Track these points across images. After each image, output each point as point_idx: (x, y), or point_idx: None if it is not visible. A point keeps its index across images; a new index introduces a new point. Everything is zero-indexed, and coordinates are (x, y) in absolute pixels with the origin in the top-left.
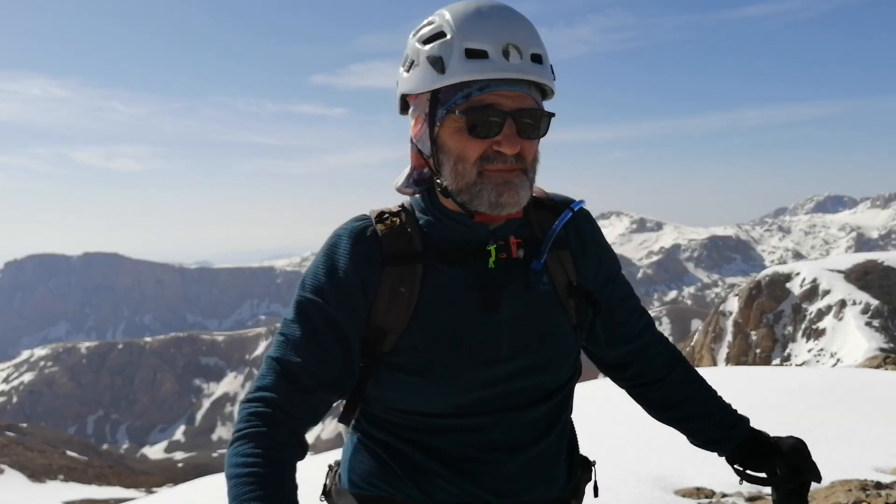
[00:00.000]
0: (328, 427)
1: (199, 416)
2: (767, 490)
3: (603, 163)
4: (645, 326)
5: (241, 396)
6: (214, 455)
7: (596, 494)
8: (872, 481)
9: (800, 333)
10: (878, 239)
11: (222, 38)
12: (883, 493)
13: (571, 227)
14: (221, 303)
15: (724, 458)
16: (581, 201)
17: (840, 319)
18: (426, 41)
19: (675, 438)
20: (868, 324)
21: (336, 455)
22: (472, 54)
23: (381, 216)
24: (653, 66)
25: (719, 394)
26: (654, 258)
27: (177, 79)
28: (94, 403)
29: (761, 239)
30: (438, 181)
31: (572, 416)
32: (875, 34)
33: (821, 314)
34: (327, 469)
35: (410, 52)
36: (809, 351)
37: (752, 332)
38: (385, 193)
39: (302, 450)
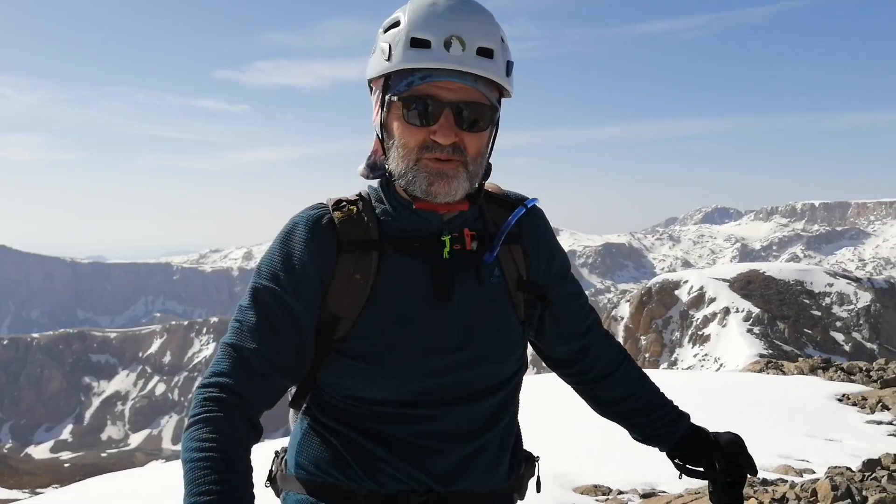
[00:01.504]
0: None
1: (88, 414)
2: (662, 488)
3: (505, 168)
4: (591, 324)
5: (134, 395)
6: (104, 455)
7: (538, 489)
8: (758, 478)
9: (686, 339)
10: (761, 250)
11: (121, 27)
12: (769, 488)
13: (524, 223)
14: (115, 299)
15: (664, 453)
16: (535, 199)
17: (724, 326)
18: (386, 29)
19: (573, 438)
20: (749, 330)
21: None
22: (415, 43)
23: (338, 204)
24: (554, 76)
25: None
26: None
27: (73, 67)
28: None
29: (652, 247)
30: (387, 166)
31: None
32: (764, 59)
33: (706, 321)
34: (273, 455)
35: (376, 40)
36: (695, 356)
37: (642, 337)
38: (289, 192)
39: (256, 433)
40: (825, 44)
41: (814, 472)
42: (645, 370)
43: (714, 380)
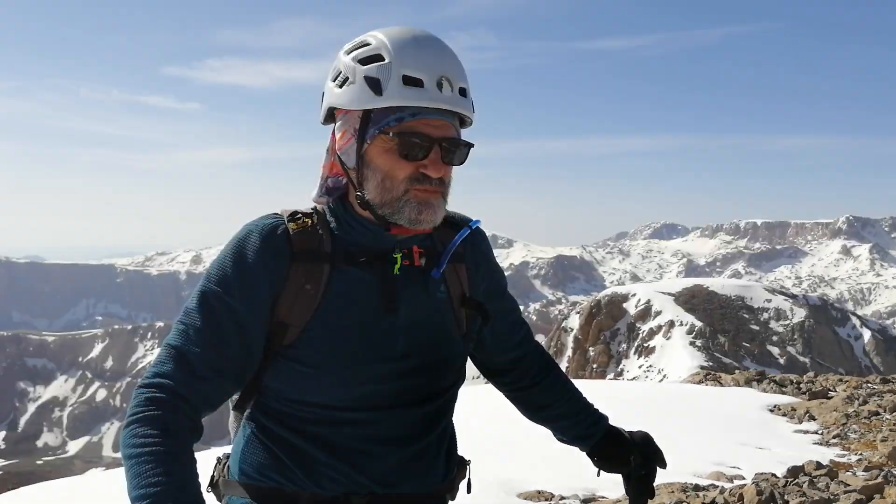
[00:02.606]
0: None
1: (22, 420)
2: (602, 493)
3: (459, 179)
4: (524, 337)
5: (73, 401)
6: (39, 462)
7: (469, 491)
8: (692, 484)
9: (633, 350)
10: (706, 266)
11: (66, 16)
12: (700, 494)
13: (469, 243)
14: (53, 301)
15: (585, 451)
16: (477, 221)
17: (668, 339)
18: (363, 61)
19: (517, 446)
20: (692, 343)
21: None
22: (409, 81)
23: (293, 216)
24: (509, 89)
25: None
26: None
27: (9, 55)
28: None
29: (603, 260)
30: (359, 193)
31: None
32: (712, 80)
33: (652, 333)
34: (216, 461)
35: (343, 69)
36: (640, 367)
37: (591, 348)
38: (239, 195)
39: (197, 433)
40: (768, 68)
41: (744, 479)
42: (591, 381)
43: (657, 390)
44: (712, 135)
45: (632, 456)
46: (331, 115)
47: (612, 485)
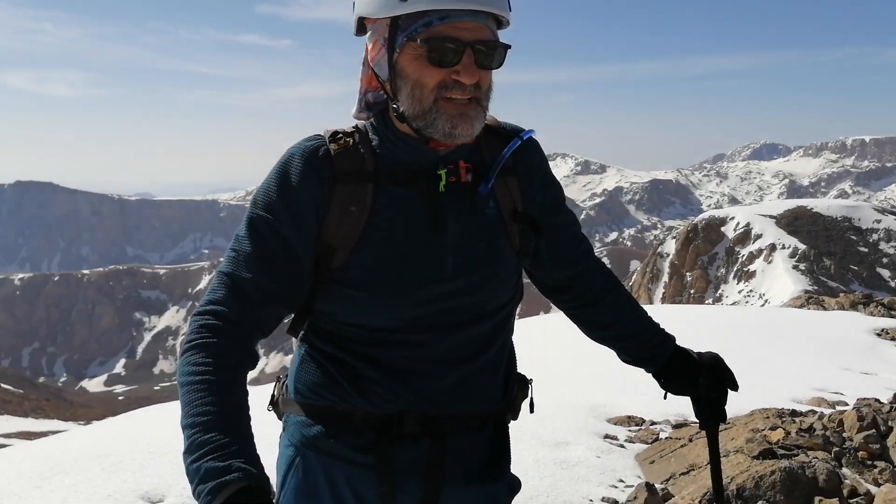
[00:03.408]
0: (272, 361)
1: (140, 349)
2: (693, 418)
3: (548, 105)
4: (584, 252)
5: (184, 330)
6: (156, 388)
7: (532, 410)
8: (788, 409)
9: (732, 275)
10: (809, 186)
11: None
12: (797, 419)
13: (520, 155)
14: (163, 236)
15: (651, 373)
16: (531, 131)
17: (769, 262)
18: None
19: (608, 373)
20: (795, 267)
21: None
22: None
23: (334, 136)
24: (596, 11)
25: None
26: (597, 200)
27: (112, 2)
28: (28, 336)
29: (700, 184)
30: (395, 106)
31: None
32: None
33: (752, 257)
34: (276, 380)
35: None
36: (740, 292)
37: (688, 274)
38: (330, 128)
39: (252, 360)
40: None
41: (846, 405)
42: (690, 305)
43: (756, 315)
44: (814, 49)
45: (700, 378)
46: (362, 26)
47: None
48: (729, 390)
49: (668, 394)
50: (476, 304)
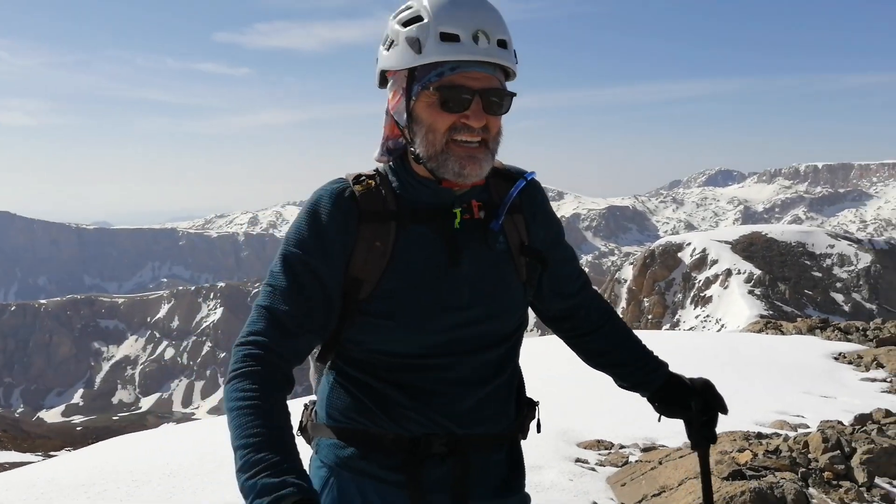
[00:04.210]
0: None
1: (98, 379)
2: (661, 442)
3: (510, 131)
4: (583, 284)
5: (143, 359)
6: (115, 418)
7: (539, 430)
8: (754, 432)
9: (689, 300)
10: (763, 212)
11: None
12: (763, 441)
13: (525, 194)
14: (121, 264)
15: (646, 397)
16: (533, 172)
17: (725, 288)
18: (405, 24)
19: (578, 398)
20: (750, 292)
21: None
22: (445, 38)
23: (357, 178)
24: (559, 38)
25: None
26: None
27: (71, 29)
28: None
29: (656, 210)
30: (412, 149)
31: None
32: (764, 18)
33: (708, 282)
34: (303, 407)
35: (391, 33)
36: (697, 317)
37: (645, 299)
38: (292, 156)
39: (290, 385)
40: (823, 3)
41: (808, 427)
42: (647, 331)
43: (715, 340)
44: (767, 76)
45: (692, 402)
46: (384, 79)
47: (672, 433)
48: (720, 413)
49: (663, 416)
50: (490, 331)
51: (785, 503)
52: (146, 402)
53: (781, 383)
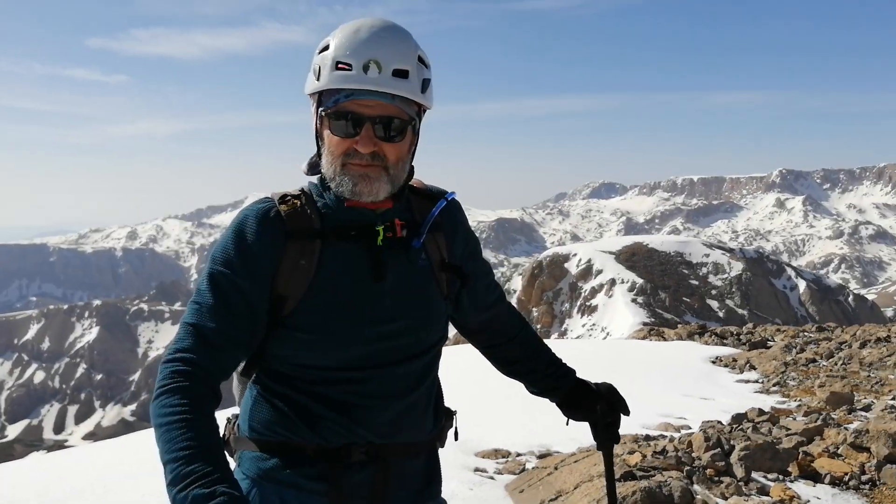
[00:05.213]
0: (109, 413)
1: None
2: (556, 448)
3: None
4: (498, 297)
5: (10, 384)
6: None
7: (456, 438)
8: (642, 435)
9: (576, 309)
10: (644, 223)
11: None
12: (651, 443)
13: (445, 213)
14: None
15: (555, 402)
16: (453, 192)
17: (610, 297)
18: (319, 52)
19: (474, 408)
20: (634, 300)
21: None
22: (339, 66)
23: (283, 198)
24: (442, 51)
25: (553, 352)
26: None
27: None
28: None
29: (543, 222)
30: (322, 170)
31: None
32: (642, 38)
33: (594, 292)
34: (226, 421)
35: (312, 60)
36: (584, 326)
37: (534, 309)
38: (172, 168)
39: (217, 400)
40: (696, 25)
41: (690, 428)
42: None
43: (602, 347)
44: (645, 93)
45: (598, 405)
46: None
47: (567, 440)
48: (622, 415)
49: (570, 420)
50: (412, 343)
51: (672, 500)
52: (13, 430)
53: (665, 387)
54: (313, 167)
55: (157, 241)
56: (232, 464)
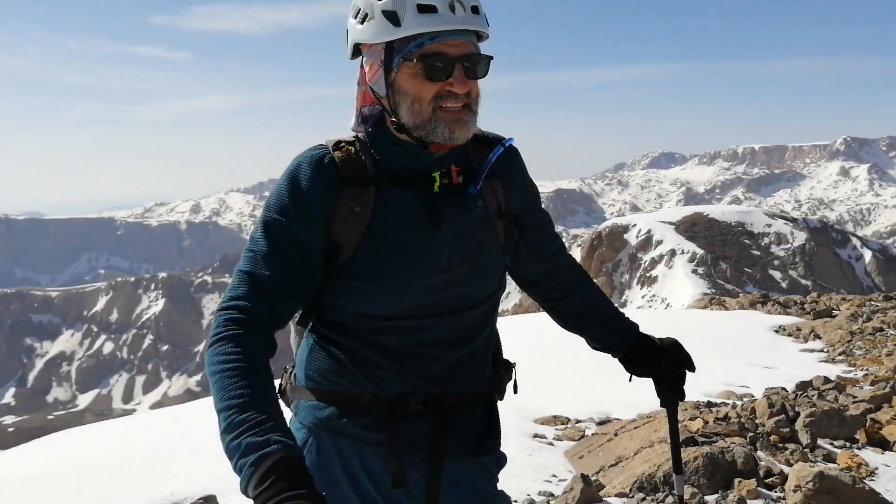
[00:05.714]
0: (175, 384)
1: (31, 376)
2: (615, 415)
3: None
4: (559, 249)
5: (80, 355)
6: (50, 417)
7: (515, 391)
8: (704, 402)
9: (635, 281)
10: (705, 193)
11: None
12: (713, 409)
13: (502, 160)
14: (55, 256)
15: (617, 357)
16: (511, 139)
17: (670, 267)
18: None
19: (529, 375)
20: (694, 271)
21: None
22: (423, 9)
23: (337, 145)
24: (502, 19)
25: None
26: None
27: None
28: None
29: (602, 192)
30: (394, 119)
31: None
32: (706, 4)
33: (654, 263)
34: (283, 371)
35: (362, 6)
36: (643, 297)
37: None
38: (233, 141)
39: (272, 349)
40: None
41: (753, 396)
42: None
43: (663, 317)
44: (707, 61)
45: (662, 360)
46: (357, 51)
47: (626, 406)
48: (687, 372)
49: (633, 376)
50: (468, 293)
51: (735, 466)
52: (83, 400)
53: (727, 356)
54: (364, 121)
55: (220, 215)
56: (288, 413)
